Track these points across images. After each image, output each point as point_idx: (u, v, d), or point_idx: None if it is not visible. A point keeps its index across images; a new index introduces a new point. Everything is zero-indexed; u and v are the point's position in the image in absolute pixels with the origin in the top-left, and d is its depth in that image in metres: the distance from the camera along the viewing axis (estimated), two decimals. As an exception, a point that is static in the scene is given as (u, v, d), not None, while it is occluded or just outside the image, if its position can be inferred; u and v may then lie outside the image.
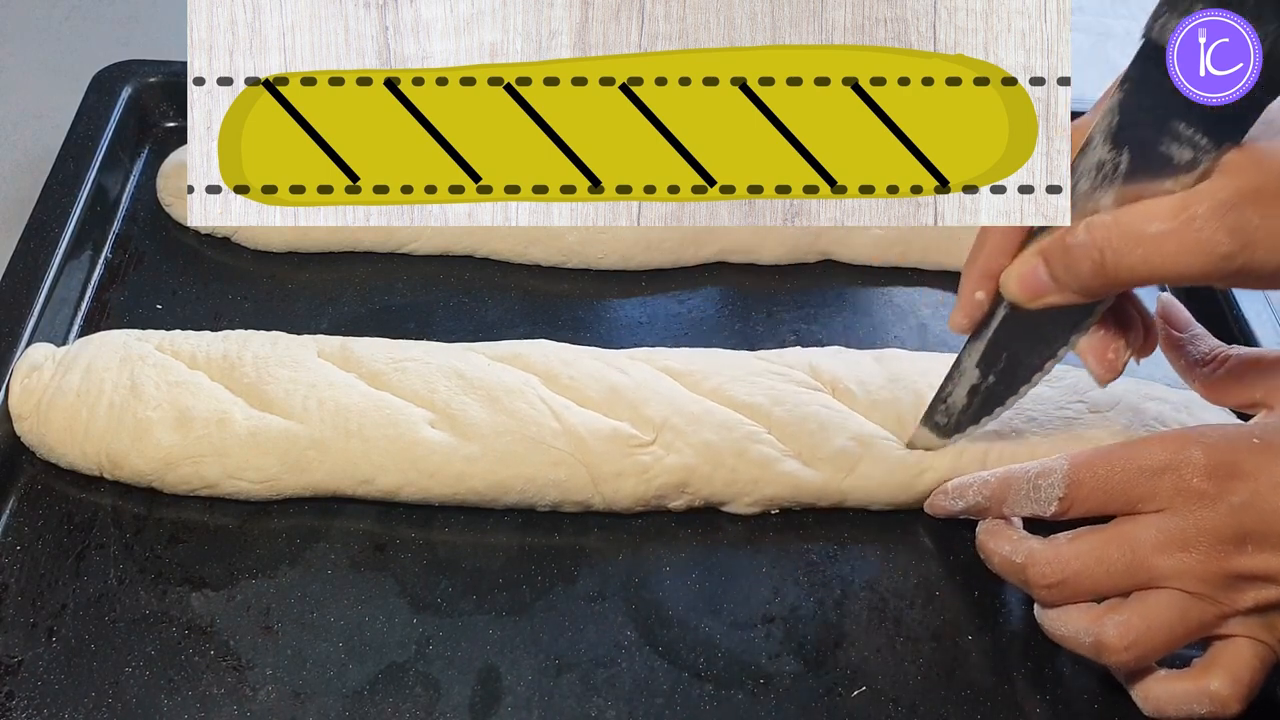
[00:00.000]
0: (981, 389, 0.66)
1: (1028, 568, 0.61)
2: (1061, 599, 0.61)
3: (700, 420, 0.68)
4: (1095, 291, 0.58)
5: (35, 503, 0.67)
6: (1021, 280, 0.60)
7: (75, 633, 0.61)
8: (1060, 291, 0.59)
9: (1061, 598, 0.61)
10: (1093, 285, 0.57)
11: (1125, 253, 0.55)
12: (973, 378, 0.66)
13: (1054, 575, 0.60)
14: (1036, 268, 0.59)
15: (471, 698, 0.60)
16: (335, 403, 0.67)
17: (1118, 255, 0.55)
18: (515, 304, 0.80)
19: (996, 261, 0.62)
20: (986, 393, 0.66)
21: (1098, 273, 0.56)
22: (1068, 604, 0.61)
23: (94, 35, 1.05)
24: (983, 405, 0.66)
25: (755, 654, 0.63)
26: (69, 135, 0.84)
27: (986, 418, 0.67)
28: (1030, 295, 0.60)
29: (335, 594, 0.64)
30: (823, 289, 0.83)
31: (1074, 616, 0.60)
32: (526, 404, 0.68)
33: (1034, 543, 0.62)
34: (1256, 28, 0.52)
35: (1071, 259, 0.57)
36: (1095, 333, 0.62)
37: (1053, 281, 0.59)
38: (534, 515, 0.68)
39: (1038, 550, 0.61)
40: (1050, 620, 0.62)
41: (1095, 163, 0.57)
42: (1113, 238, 0.55)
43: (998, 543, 0.64)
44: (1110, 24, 1.15)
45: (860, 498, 0.68)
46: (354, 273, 0.81)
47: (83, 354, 0.69)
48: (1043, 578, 0.60)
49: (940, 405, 0.67)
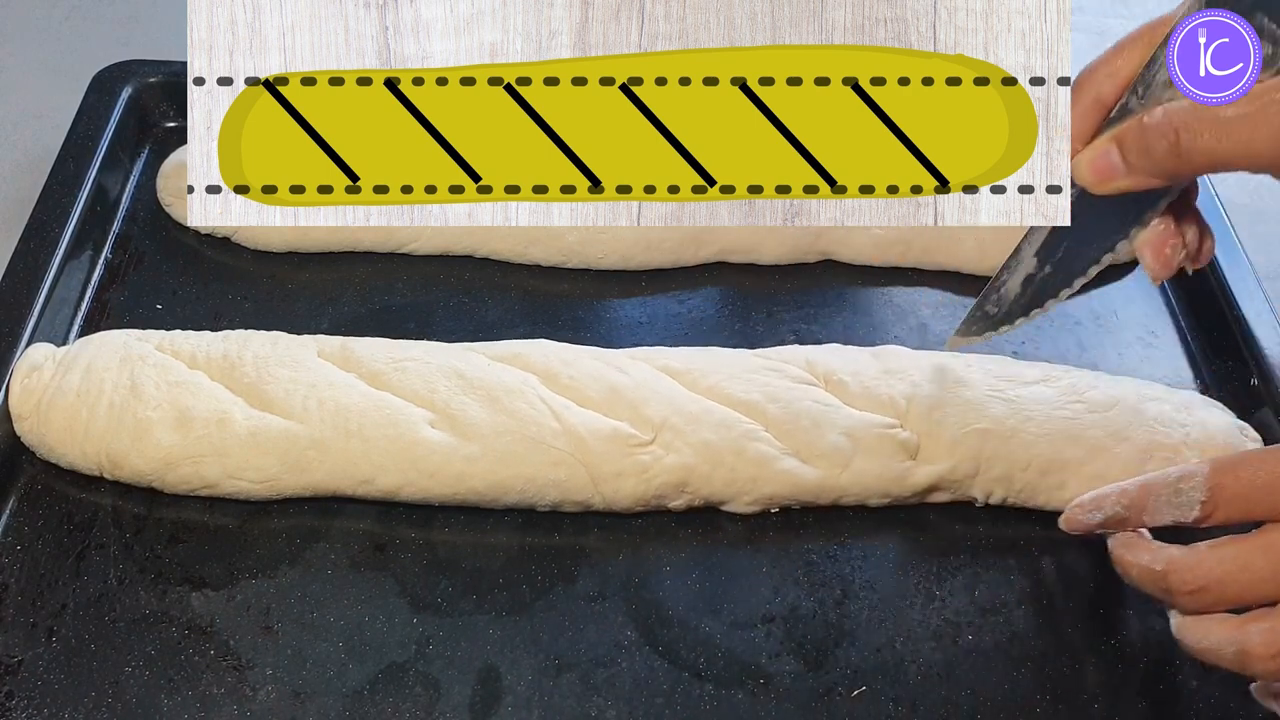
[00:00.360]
0: (1036, 279, 0.65)
1: (1169, 574, 0.59)
2: (1203, 607, 0.59)
3: (699, 420, 0.68)
4: (1167, 173, 0.57)
5: (35, 503, 0.67)
6: (1093, 164, 0.59)
7: (75, 633, 0.61)
8: (1131, 175, 0.58)
9: (1203, 605, 0.59)
10: (1166, 166, 0.57)
11: (1200, 133, 0.55)
12: (1029, 266, 0.65)
13: (1196, 581, 0.58)
14: (1109, 151, 0.59)
15: (471, 698, 0.60)
16: (335, 403, 0.67)
17: (1192, 136, 0.55)
18: (515, 304, 0.80)
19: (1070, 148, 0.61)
20: (1041, 283, 0.65)
21: (1171, 153, 0.56)
22: (1209, 613, 0.59)
23: (94, 35, 1.05)
24: (1035, 296, 0.66)
25: (755, 654, 0.63)
26: (69, 135, 0.84)
27: (1036, 310, 0.66)
28: (1101, 179, 0.59)
29: (335, 594, 0.64)
30: (823, 289, 0.83)
31: (1215, 627, 0.59)
32: (526, 404, 0.68)
33: (1174, 550, 0.60)
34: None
35: (1147, 139, 0.57)
36: (1155, 228, 0.62)
37: (1125, 165, 0.58)
38: (534, 515, 0.68)
39: (1179, 557, 0.60)
40: (1189, 633, 0.60)
41: None
42: (1189, 119, 0.55)
43: (1135, 554, 0.62)
44: (1110, 24, 1.15)
45: (857, 493, 0.68)
46: (354, 273, 0.81)
47: (83, 354, 0.69)
48: (1184, 584, 0.59)
49: (993, 294, 0.67)
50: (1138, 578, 0.62)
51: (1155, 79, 0.58)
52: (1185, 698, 0.63)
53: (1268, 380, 0.75)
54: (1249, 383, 0.76)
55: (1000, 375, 0.72)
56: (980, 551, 0.69)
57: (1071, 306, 0.82)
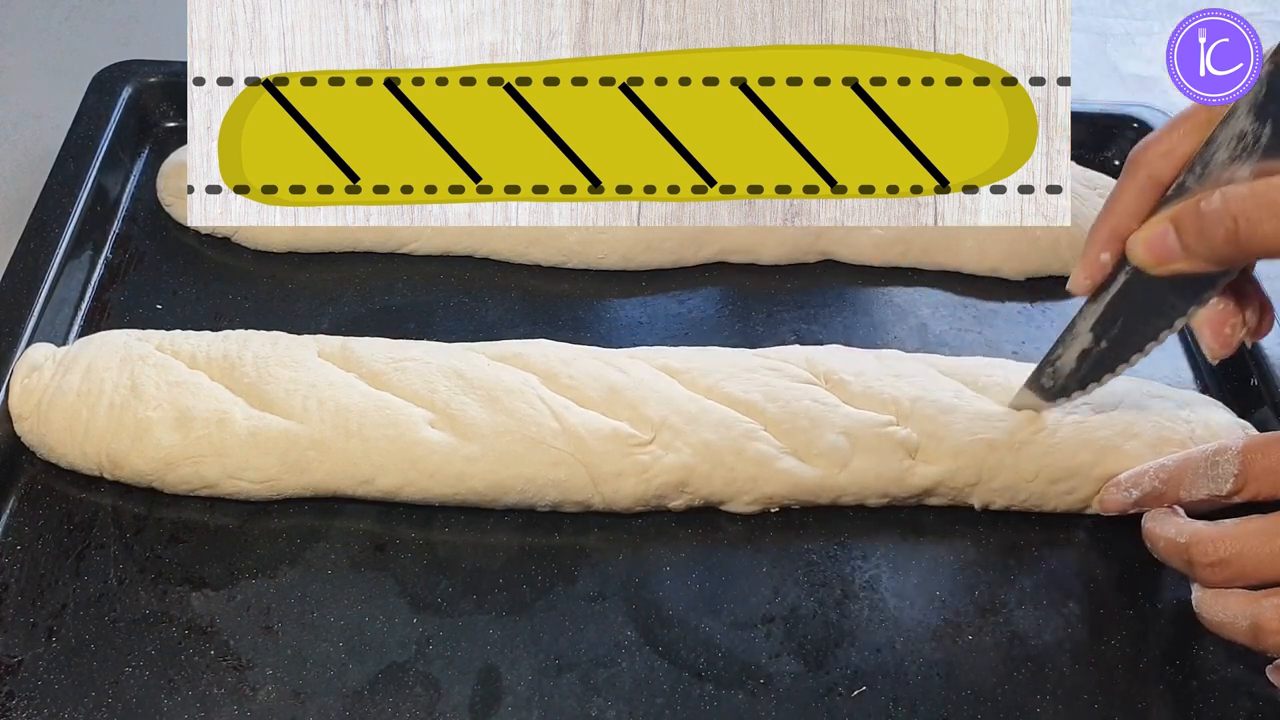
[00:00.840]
0: (1093, 354, 0.65)
1: (1191, 546, 0.61)
2: (1223, 580, 0.61)
3: (698, 419, 0.68)
4: (1225, 260, 0.57)
5: (35, 503, 0.67)
6: (1149, 245, 0.59)
7: (75, 633, 0.61)
8: (1188, 258, 0.58)
9: (1223, 579, 0.60)
10: (1223, 253, 0.57)
11: (1260, 222, 0.54)
12: (1085, 341, 0.65)
13: (1216, 553, 0.60)
14: (1166, 233, 0.58)
15: (471, 698, 0.60)
16: (335, 403, 0.67)
17: (1251, 224, 0.55)
18: (515, 304, 0.80)
19: (1126, 225, 0.61)
20: (1097, 358, 0.65)
21: (1230, 240, 0.56)
22: (1228, 586, 0.61)
23: (94, 35, 1.05)
24: (1091, 370, 0.66)
25: (755, 654, 0.63)
26: (69, 135, 0.84)
27: (1094, 384, 0.66)
28: (1157, 260, 0.59)
29: (335, 594, 0.64)
30: (823, 289, 0.83)
31: (1231, 601, 0.60)
32: (526, 404, 0.68)
33: (1198, 525, 0.62)
34: None
35: (1205, 225, 0.56)
36: (1214, 306, 0.61)
37: (1182, 248, 0.58)
38: (534, 515, 0.68)
39: (1202, 530, 0.61)
40: (1207, 606, 0.62)
41: (1236, 133, 0.57)
42: (1248, 207, 0.55)
43: (1163, 527, 0.64)
44: (1110, 24, 1.14)
45: (856, 492, 0.68)
46: (354, 273, 0.81)
47: (83, 354, 0.69)
48: (1205, 555, 0.60)
49: (1048, 368, 0.67)
50: (1164, 550, 0.64)
51: (1213, 159, 0.57)
52: (1186, 697, 0.63)
53: (1268, 380, 0.75)
54: (1249, 383, 0.76)
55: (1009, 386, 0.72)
56: (980, 551, 0.69)
57: (1071, 306, 0.82)
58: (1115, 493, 0.67)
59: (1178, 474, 0.65)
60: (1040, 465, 0.68)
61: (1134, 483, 0.66)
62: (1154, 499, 0.66)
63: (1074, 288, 0.65)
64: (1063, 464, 0.68)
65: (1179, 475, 0.64)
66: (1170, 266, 0.59)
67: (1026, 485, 0.68)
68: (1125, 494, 0.67)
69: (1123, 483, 0.67)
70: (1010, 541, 0.69)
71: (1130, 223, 0.61)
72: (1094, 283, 0.64)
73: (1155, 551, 0.65)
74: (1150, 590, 0.67)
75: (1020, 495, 0.69)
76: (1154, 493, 0.66)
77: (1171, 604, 0.66)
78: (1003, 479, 0.68)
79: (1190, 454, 0.65)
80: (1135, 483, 0.66)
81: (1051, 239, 0.83)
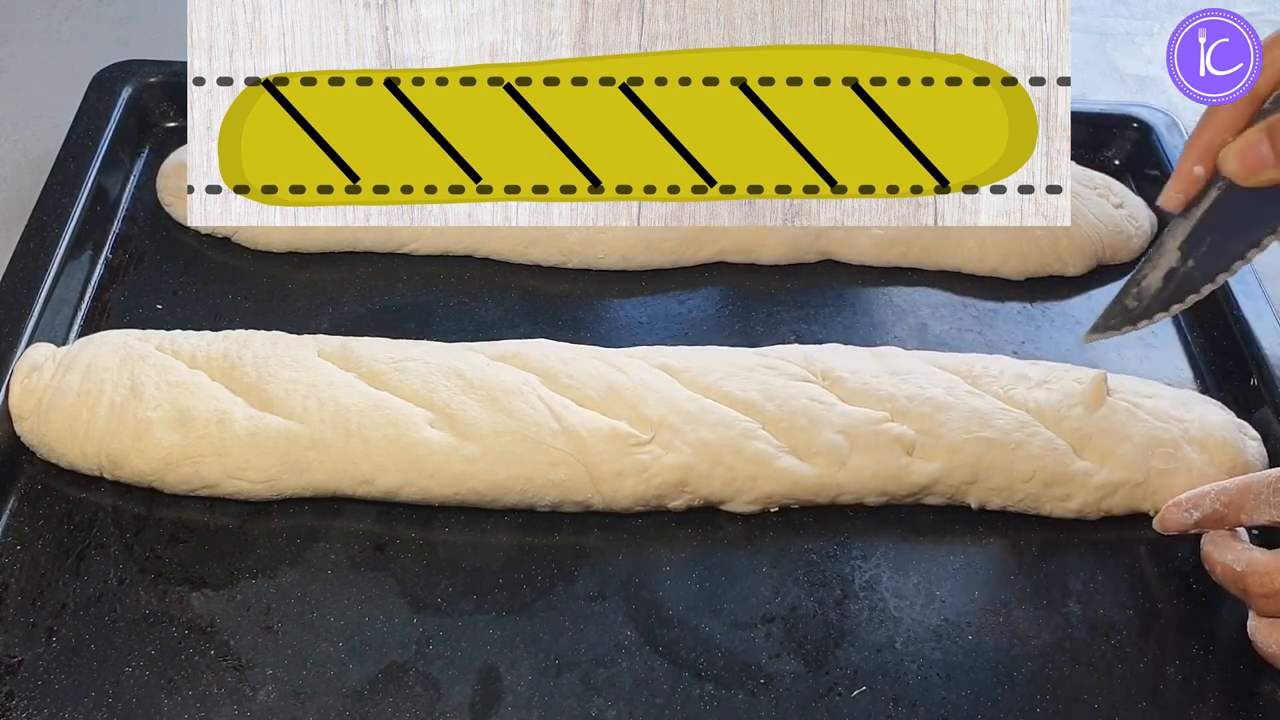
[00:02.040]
0: (1179, 273, 0.65)
1: (1247, 575, 0.61)
2: (1276, 611, 0.60)
3: (697, 419, 0.68)
4: None
5: (35, 503, 0.67)
6: (1242, 155, 0.59)
7: (75, 633, 0.61)
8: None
9: (1276, 610, 0.60)
10: None
11: None
12: (1172, 259, 0.64)
13: (1273, 584, 0.60)
14: (1260, 142, 0.58)
15: (471, 697, 0.60)
16: (335, 403, 0.67)
17: None
18: (515, 304, 0.80)
19: (1220, 138, 0.60)
20: (1183, 277, 0.65)
21: None
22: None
23: (94, 35, 1.05)
24: (1176, 290, 0.65)
25: (755, 654, 0.63)
26: (69, 135, 0.84)
27: (1177, 304, 0.65)
28: (1249, 170, 0.59)
29: (335, 594, 0.64)
30: (823, 289, 0.83)
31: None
32: (526, 404, 0.68)
33: (1256, 553, 0.62)
34: None
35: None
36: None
37: (1275, 156, 0.58)
38: (534, 515, 0.68)
39: (1259, 559, 0.61)
40: (1261, 635, 0.62)
41: None
42: None
43: (1221, 552, 0.63)
44: (1110, 24, 1.14)
45: (855, 490, 0.68)
46: (354, 273, 0.81)
47: (83, 354, 0.69)
48: (1261, 586, 0.60)
49: (1133, 288, 0.66)
50: (1221, 575, 0.64)
51: None
52: (1187, 697, 0.63)
53: (1268, 380, 0.75)
54: (1249, 383, 0.76)
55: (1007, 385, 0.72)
56: (980, 551, 0.69)
57: (1071, 306, 0.83)
58: (1176, 513, 0.67)
59: (1239, 497, 0.64)
60: (1035, 467, 0.68)
61: (1195, 504, 0.66)
62: (1214, 521, 0.65)
63: (1165, 202, 0.64)
64: (1057, 468, 0.68)
65: (1240, 499, 0.64)
66: (1263, 176, 0.59)
67: (1024, 486, 0.68)
68: (1186, 515, 0.66)
69: (1183, 503, 0.66)
70: (1010, 542, 0.69)
71: (1225, 136, 0.60)
72: (1185, 197, 0.63)
73: (1213, 575, 0.65)
74: (1150, 591, 0.67)
75: (1017, 496, 0.69)
76: (1215, 515, 0.65)
77: (1172, 605, 0.66)
78: (999, 478, 0.68)
79: (1251, 478, 0.64)
80: (1196, 504, 0.66)
81: (1051, 239, 0.83)
